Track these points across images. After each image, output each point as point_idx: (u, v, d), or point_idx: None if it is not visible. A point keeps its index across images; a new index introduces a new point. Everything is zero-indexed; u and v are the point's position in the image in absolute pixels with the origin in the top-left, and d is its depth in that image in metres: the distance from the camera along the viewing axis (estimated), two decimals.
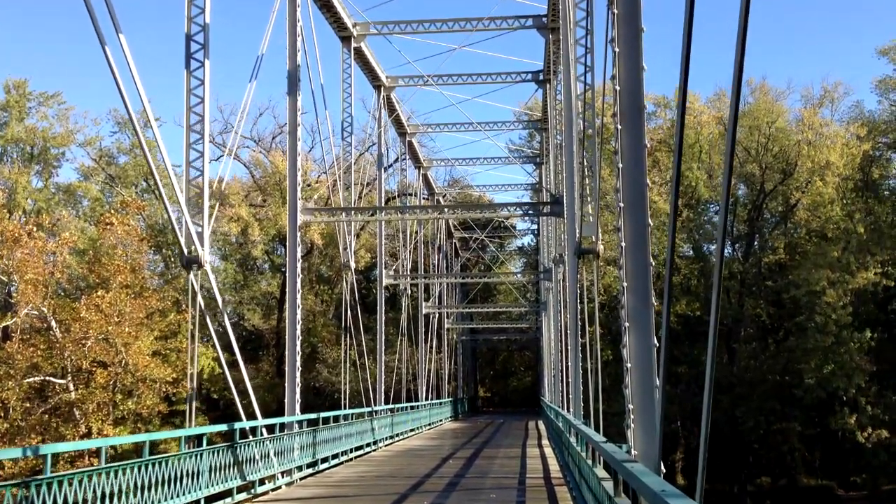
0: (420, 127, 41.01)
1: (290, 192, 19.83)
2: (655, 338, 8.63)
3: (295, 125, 19.67)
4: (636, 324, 8.94)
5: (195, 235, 14.12)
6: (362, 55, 28.96)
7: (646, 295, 8.90)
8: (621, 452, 6.59)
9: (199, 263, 14.18)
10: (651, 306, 8.89)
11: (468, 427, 44.40)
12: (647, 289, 8.86)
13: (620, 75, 8.82)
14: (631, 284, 9.07)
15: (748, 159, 59.31)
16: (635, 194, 8.90)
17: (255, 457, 15.67)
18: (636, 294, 8.98)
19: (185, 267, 14.47)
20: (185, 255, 14.15)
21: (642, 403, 8.61)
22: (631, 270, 9.04)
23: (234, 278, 65.56)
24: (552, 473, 19.06)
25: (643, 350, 8.74)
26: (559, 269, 28.37)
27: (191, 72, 14.98)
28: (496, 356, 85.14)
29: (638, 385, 8.68)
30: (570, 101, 17.70)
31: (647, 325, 8.84)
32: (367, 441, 26.00)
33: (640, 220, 8.94)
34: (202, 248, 14.24)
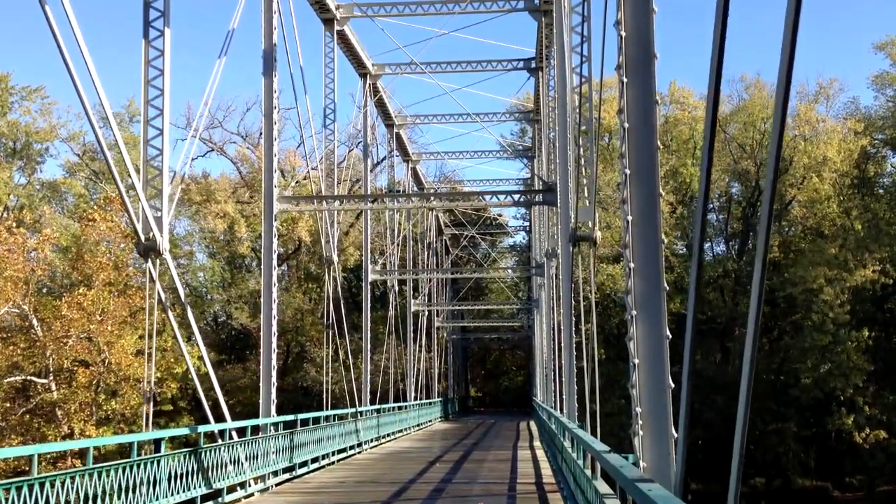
0: (408, 118, 39.82)
1: (266, 180, 18.65)
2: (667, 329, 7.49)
3: (271, 108, 18.49)
4: (645, 312, 7.62)
5: (153, 221, 12.93)
6: (346, 40, 27.76)
7: (656, 278, 7.61)
8: (630, 467, 5.47)
9: (158, 251, 13.00)
10: (663, 291, 7.63)
11: (458, 428, 43.38)
12: (658, 271, 7.59)
13: (626, 19, 7.62)
14: (639, 266, 7.76)
15: (742, 156, 58.51)
16: (643, 159, 7.67)
17: (225, 462, 14.50)
18: (645, 277, 7.66)
19: (141, 255, 13.28)
20: (142, 241, 12.95)
21: (652, 407, 7.35)
22: (639, 249, 7.74)
23: (222, 276, 64.54)
24: (545, 479, 17.95)
25: (653, 343, 7.48)
26: (552, 264, 27.26)
27: (149, 41, 13.78)
28: (487, 355, 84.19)
29: (647, 385, 7.43)
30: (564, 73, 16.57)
31: (658, 314, 7.56)
32: (352, 443, 24.87)
33: (649, 189, 7.70)
34: (161, 235, 13.05)
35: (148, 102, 13.75)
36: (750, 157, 57.92)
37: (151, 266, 13.20)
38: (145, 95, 13.77)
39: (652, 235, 7.67)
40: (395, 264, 39.52)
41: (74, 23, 11.08)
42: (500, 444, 30.49)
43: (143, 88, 13.80)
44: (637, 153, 7.72)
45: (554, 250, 25.58)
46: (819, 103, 60.34)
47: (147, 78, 13.77)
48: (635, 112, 7.68)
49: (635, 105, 7.65)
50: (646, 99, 7.61)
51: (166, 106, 13.65)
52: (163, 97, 13.63)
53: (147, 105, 13.75)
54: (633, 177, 7.72)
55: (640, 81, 7.62)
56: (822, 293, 47.95)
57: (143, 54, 13.76)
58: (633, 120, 7.74)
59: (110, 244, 42.18)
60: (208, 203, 61.38)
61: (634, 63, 7.62)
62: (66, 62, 10.79)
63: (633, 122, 7.75)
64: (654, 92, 7.67)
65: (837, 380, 47.23)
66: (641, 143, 7.71)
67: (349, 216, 60.24)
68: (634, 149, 7.75)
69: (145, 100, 13.77)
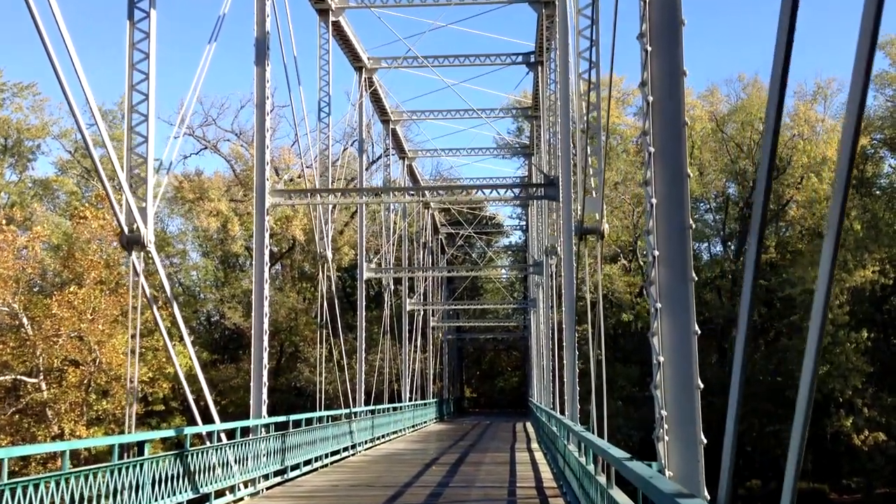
0: (405, 114, 39.18)
1: (258, 173, 18.02)
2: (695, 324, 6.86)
3: (263, 98, 17.87)
4: (671, 305, 6.92)
5: (137, 212, 12.31)
6: (342, 31, 27.13)
7: (683, 266, 6.91)
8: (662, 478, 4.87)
9: (142, 244, 12.37)
10: (691, 282, 6.94)
11: (454, 429, 42.81)
12: (685, 258, 6.90)
13: None
14: (664, 253, 7.04)
15: (740, 156, 58.12)
16: (669, 135, 6.99)
17: (213, 465, 13.89)
18: (670, 266, 6.95)
19: (124, 247, 12.65)
20: (126, 234, 12.32)
21: (679, 409, 6.68)
22: (664, 235, 7.02)
23: (215, 275, 64.00)
24: (545, 483, 17.36)
25: (680, 339, 6.80)
26: (551, 261, 26.67)
27: (134, 23, 13.14)
28: (483, 356, 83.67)
29: (673, 385, 6.77)
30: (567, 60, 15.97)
31: (686, 307, 6.84)
32: (346, 445, 24.27)
33: (675, 167, 7.01)
34: (145, 227, 12.42)
35: (132, 87, 13.13)
36: (748, 157, 57.53)
37: (135, 259, 12.58)
38: (129, 79, 13.15)
39: (679, 219, 6.99)
40: (390, 262, 38.92)
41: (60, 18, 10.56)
42: (497, 446, 29.94)
43: (127, 72, 13.17)
44: (662, 129, 7.08)
45: (554, 247, 25.00)
46: (817, 103, 59.97)
47: (132, 61, 13.15)
48: (660, 83, 7.03)
49: (660, 76, 7.00)
50: (672, 69, 6.97)
51: (151, 90, 13.04)
52: (148, 81, 13.01)
53: (131, 90, 13.13)
54: (657, 155, 7.06)
55: (665, 49, 6.97)
56: None
57: (127, 36, 13.14)
58: (658, 92, 7.10)
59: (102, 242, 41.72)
60: (201, 201, 60.76)
61: (659, 29, 6.98)
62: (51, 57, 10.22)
63: (658, 94, 7.11)
64: (681, 61, 7.02)
65: (836, 381, 46.77)
66: (667, 117, 7.08)
67: (344, 215, 59.63)
68: (659, 124, 7.09)
69: (129, 84, 13.14)
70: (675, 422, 6.63)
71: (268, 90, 17.93)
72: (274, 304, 62.24)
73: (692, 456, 6.56)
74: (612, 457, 6.68)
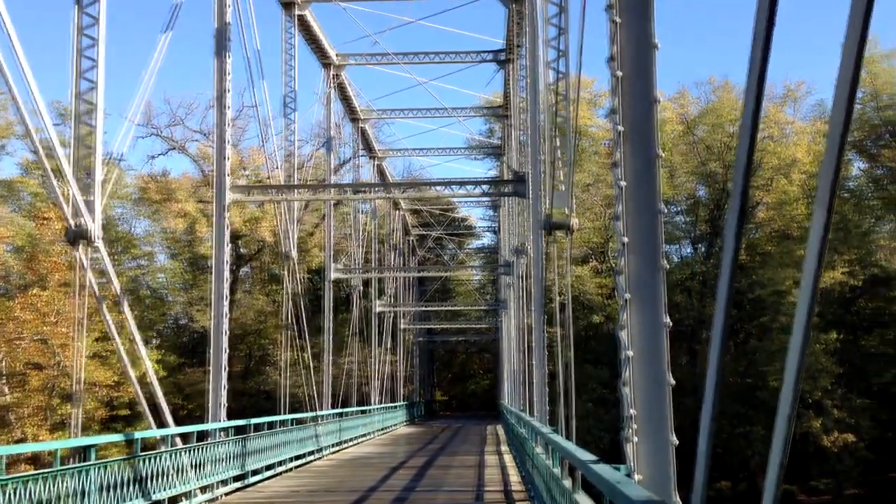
0: (374, 113, 38.64)
1: (217, 167, 17.46)
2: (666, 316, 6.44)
3: (223, 90, 17.30)
4: (640, 296, 6.49)
5: (83, 204, 11.72)
6: (308, 26, 26.57)
7: (653, 255, 6.43)
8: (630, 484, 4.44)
9: (89, 238, 11.79)
10: (661, 271, 6.48)
11: (423, 432, 42.34)
12: (656, 246, 6.44)
13: None
14: (634, 240, 6.58)
15: (710, 158, 58.20)
16: (639, 114, 6.55)
17: (167, 471, 13.32)
18: (640, 254, 6.51)
19: (70, 242, 12.06)
20: (71, 227, 11.73)
21: (649, 408, 6.22)
22: (634, 220, 6.57)
23: (182, 278, 63.00)
24: (513, 486, 16.96)
25: (651, 332, 6.34)
26: (521, 261, 26.29)
27: (83, 8, 12.56)
28: (454, 358, 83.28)
29: (643, 382, 6.32)
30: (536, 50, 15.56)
31: (656, 298, 6.38)
32: (311, 449, 23.70)
33: (646, 149, 6.56)
34: (92, 220, 11.83)
35: (80, 74, 12.54)
36: (718, 158, 57.60)
37: (82, 254, 11.99)
38: (77, 66, 12.55)
39: (650, 204, 6.53)
40: (359, 263, 38.36)
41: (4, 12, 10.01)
42: (467, 449, 29.53)
43: (73, 58, 12.57)
44: (632, 107, 6.62)
45: (524, 245, 24.62)
46: (787, 106, 60.25)
47: (79, 47, 12.56)
48: (630, 58, 6.55)
49: (630, 50, 6.55)
50: (642, 42, 6.52)
51: (100, 77, 12.46)
52: (96, 69, 12.43)
53: (79, 77, 12.54)
54: (626, 135, 6.64)
55: (634, 21, 6.50)
56: (790, 295, 47.59)
57: (73, 21, 12.55)
58: (627, 68, 6.61)
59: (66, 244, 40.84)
60: (168, 202, 59.81)
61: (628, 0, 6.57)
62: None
63: (627, 70, 6.63)
64: (652, 33, 6.57)
65: (805, 383, 46.83)
66: (637, 94, 6.62)
67: (314, 217, 58.95)
68: (628, 101, 6.64)
69: (77, 71, 12.55)
70: (645, 421, 6.20)
71: (227, 83, 17.37)
72: (242, 307, 61.44)
73: (663, 458, 6.14)
74: (577, 459, 6.24)
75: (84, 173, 12.62)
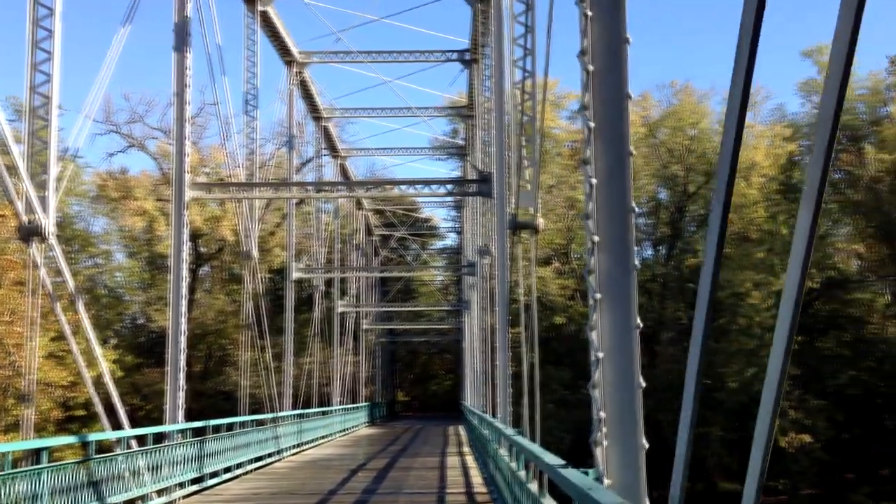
0: (337, 111, 38.32)
1: (177, 164, 17.12)
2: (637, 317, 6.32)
3: (182, 86, 16.98)
4: (611, 296, 6.35)
5: (36, 201, 11.39)
6: (270, 23, 26.24)
7: (625, 254, 6.34)
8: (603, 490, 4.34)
9: (42, 235, 11.45)
10: (633, 270, 6.39)
11: (385, 433, 42.12)
12: (628, 245, 6.38)
13: None
14: (605, 239, 6.46)
15: (671, 161, 58.69)
16: (611, 109, 6.40)
17: (122, 474, 13.00)
18: (611, 252, 6.39)
19: (23, 239, 11.72)
20: (24, 224, 11.38)
21: (620, 411, 6.11)
22: (605, 218, 6.44)
23: (140, 277, 62.02)
24: (475, 488, 16.85)
25: (621, 333, 6.22)
26: (484, 261, 26.20)
27: None
28: (416, 359, 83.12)
29: (613, 384, 6.19)
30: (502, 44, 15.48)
31: (627, 298, 6.30)
32: (270, 451, 23.39)
33: (617, 144, 6.41)
34: (46, 217, 11.50)
35: (35, 67, 12.19)
36: (678, 162, 58.13)
37: (35, 252, 11.65)
38: (31, 58, 12.20)
39: (621, 202, 6.42)
40: (321, 263, 38.01)
41: None
42: (428, 451, 29.38)
43: (28, 51, 12.22)
44: (603, 102, 6.51)
45: (487, 246, 24.53)
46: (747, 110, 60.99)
47: (35, 39, 12.21)
48: (602, 52, 6.43)
49: (602, 43, 6.44)
50: (614, 36, 6.42)
51: (55, 70, 12.12)
52: (52, 61, 12.09)
53: (34, 70, 12.19)
54: (598, 131, 6.52)
55: (606, 14, 6.38)
56: (749, 297, 48.15)
57: (29, 12, 12.19)
58: (599, 62, 6.51)
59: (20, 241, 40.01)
60: (126, 200, 58.82)
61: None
62: None
63: (599, 64, 6.52)
64: (624, 27, 6.47)
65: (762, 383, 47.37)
66: (609, 89, 6.50)
67: (276, 216, 58.40)
68: (600, 97, 6.52)
69: (31, 63, 12.20)
70: (615, 424, 6.08)
71: (188, 78, 17.05)
72: (202, 307, 60.67)
73: (633, 462, 6.04)
74: (545, 464, 6.12)
75: (39, 169, 12.27)
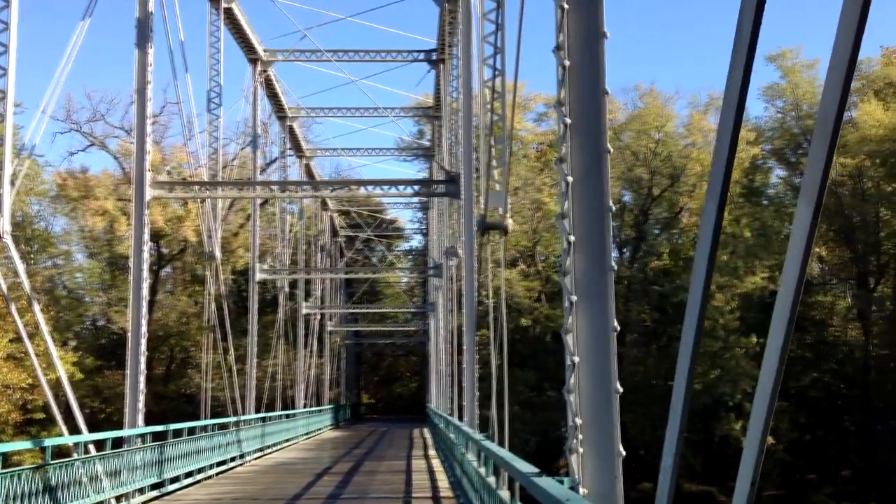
0: (303, 111, 37.91)
1: (137, 162, 16.73)
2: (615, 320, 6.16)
3: (144, 83, 16.58)
4: (588, 297, 6.14)
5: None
6: (234, 20, 25.84)
7: (602, 254, 6.15)
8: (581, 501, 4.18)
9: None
10: (610, 271, 6.22)
11: (350, 436, 41.78)
12: (604, 245, 6.18)
13: None
14: (581, 239, 6.24)
15: (636, 164, 59.02)
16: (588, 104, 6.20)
17: (79, 479, 12.62)
18: (588, 253, 6.17)
19: None
20: None
21: (596, 416, 5.91)
22: (581, 217, 6.21)
23: (101, 278, 60.96)
24: (442, 492, 16.65)
25: (598, 336, 6.02)
26: (451, 263, 26.02)
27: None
28: (381, 361, 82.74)
29: (589, 389, 5.99)
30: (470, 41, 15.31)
31: (604, 300, 6.11)
32: (233, 455, 23.00)
33: (594, 142, 6.18)
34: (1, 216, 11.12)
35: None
36: (643, 164, 58.46)
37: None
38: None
39: (598, 200, 6.22)
40: (285, 264, 37.56)
41: None
42: (394, 454, 29.14)
43: None
44: (580, 98, 6.30)
45: (454, 248, 24.35)
46: (710, 114, 61.46)
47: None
48: (578, 46, 6.23)
49: (578, 37, 6.23)
50: (592, 29, 6.24)
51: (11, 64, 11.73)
52: (7, 55, 11.71)
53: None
54: (574, 127, 6.33)
55: (584, 7, 6.18)
56: (713, 299, 48.48)
57: None
58: (575, 57, 6.31)
59: None
60: (87, 200, 57.77)
61: None
62: None
63: (576, 59, 6.32)
64: (601, 21, 6.31)
65: (726, 385, 47.81)
66: (585, 85, 6.30)
67: (239, 217, 57.75)
68: (576, 93, 6.32)
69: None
70: (591, 431, 5.90)
71: (149, 75, 16.67)
72: (164, 308, 59.80)
73: (609, 469, 5.86)
74: (517, 471, 5.93)
75: None
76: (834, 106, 2.49)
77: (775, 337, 2.72)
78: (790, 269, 2.63)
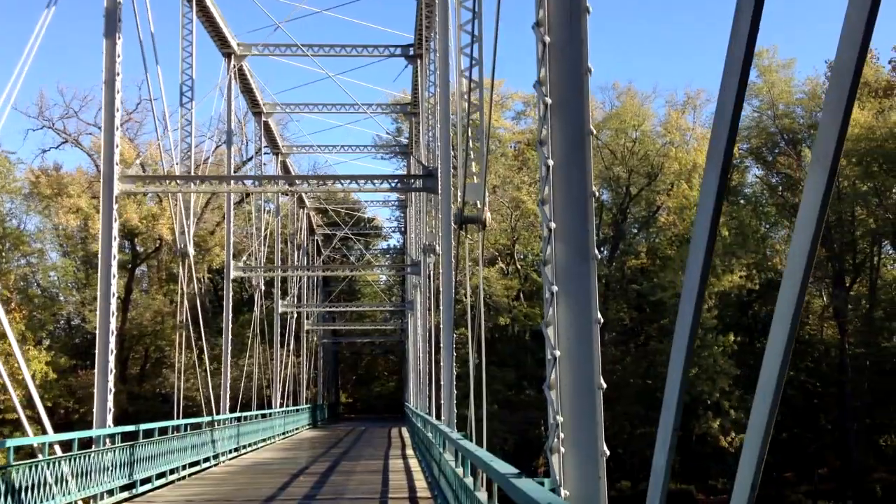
0: (278, 106, 37.47)
1: (105, 156, 16.33)
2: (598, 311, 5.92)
3: (113, 74, 16.19)
4: (569, 288, 5.91)
5: None
6: (207, 12, 25.38)
7: (584, 242, 5.87)
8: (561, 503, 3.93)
9: None
10: (593, 260, 5.96)
11: (327, 436, 41.43)
12: (587, 233, 5.92)
13: None
14: (562, 226, 5.96)
15: (614, 162, 59.09)
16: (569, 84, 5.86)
17: (45, 481, 12.24)
18: (569, 242, 5.92)
19: None
20: None
21: (578, 415, 5.62)
22: (562, 204, 5.94)
23: (75, 276, 60.22)
24: (419, 492, 16.39)
25: (580, 329, 5.76)
26: (429, 260, 25.74)
27: None
28: (359, 360, 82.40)
29: (571, 385, 5.70)
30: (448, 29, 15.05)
31: (587, 291, 5.89)
32: (207, 455, 22.60)
33: (576, 124, 5.92)
34: None
35: None
36: (621, 163, 58.52)
37: None
38: None
39: (580, 186, 5.93)
40: (261, 261, 37.10)
41: None
42: (371, 453, 28.86)
43: None
44: (561, 77, 6.01)
45: (432, 245, 24.08)
46: (687, 112, 61.66)
47: None
48: (559, 22, 5.93)
49: (559, 12, 5.88)
50: (573, 4, 5.91)
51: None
52: None
53: None
54: (555, 108, 6.04)
55: None
56: None
57: None
58: (556, 34, 6.02)
59: None
60: (60, 197, 57.02)
61: None
62: None
63: (556, 36, 6.04)
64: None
65: (704, 384, 47.86)
66: (567, 63, 6.02)
67: (216, 215, 57.15)
68: (557, 71, 6.04)
69: None
70: (573, 430, 5.61)
71: (118, 66, 16.26)
72: (139, 307, 59.11)
73: (592, 471, 5.58)
74: (496, 472, 5.65)
75: None
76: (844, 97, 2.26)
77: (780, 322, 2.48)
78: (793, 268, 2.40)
